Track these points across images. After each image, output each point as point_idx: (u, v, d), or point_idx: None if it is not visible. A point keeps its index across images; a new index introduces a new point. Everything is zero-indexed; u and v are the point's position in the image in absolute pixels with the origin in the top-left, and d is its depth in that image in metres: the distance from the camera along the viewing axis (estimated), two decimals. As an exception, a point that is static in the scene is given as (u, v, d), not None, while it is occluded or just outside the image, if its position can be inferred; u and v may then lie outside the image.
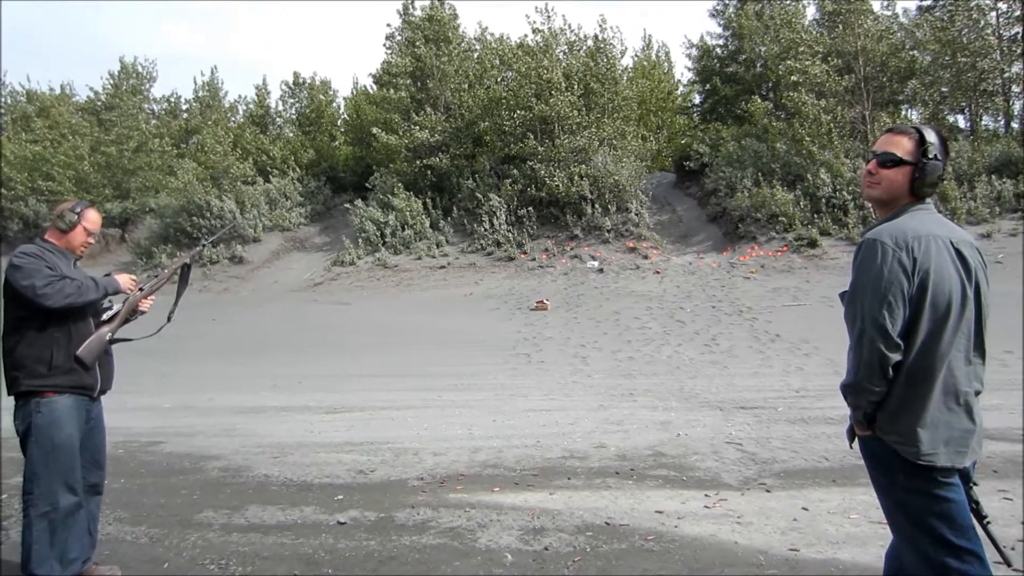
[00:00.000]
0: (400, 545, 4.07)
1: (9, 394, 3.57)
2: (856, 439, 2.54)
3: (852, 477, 4.78)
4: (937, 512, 2.33)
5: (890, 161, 2.45)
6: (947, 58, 19.79)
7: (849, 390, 2.40)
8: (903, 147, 2.44)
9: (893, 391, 2.34)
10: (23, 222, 24.58)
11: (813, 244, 17.69)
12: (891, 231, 2.35)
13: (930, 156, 2.40)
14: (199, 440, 6.70)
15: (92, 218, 3.82)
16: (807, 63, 19.86)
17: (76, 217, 3.73)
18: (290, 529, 4.41)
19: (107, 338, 3.71)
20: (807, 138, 19.42)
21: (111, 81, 29.29)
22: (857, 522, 4.07)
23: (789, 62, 20.31)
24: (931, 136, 2.42)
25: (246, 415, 7.66)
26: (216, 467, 5.83)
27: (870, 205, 2.58)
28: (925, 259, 2.31)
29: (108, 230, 24.41)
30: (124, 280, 3.85)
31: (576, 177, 20.37)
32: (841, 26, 20.59)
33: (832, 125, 19.59)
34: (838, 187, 18.61)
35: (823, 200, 18.68)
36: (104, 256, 23.86)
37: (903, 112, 21.96)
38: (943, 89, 20.45)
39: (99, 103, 29.21)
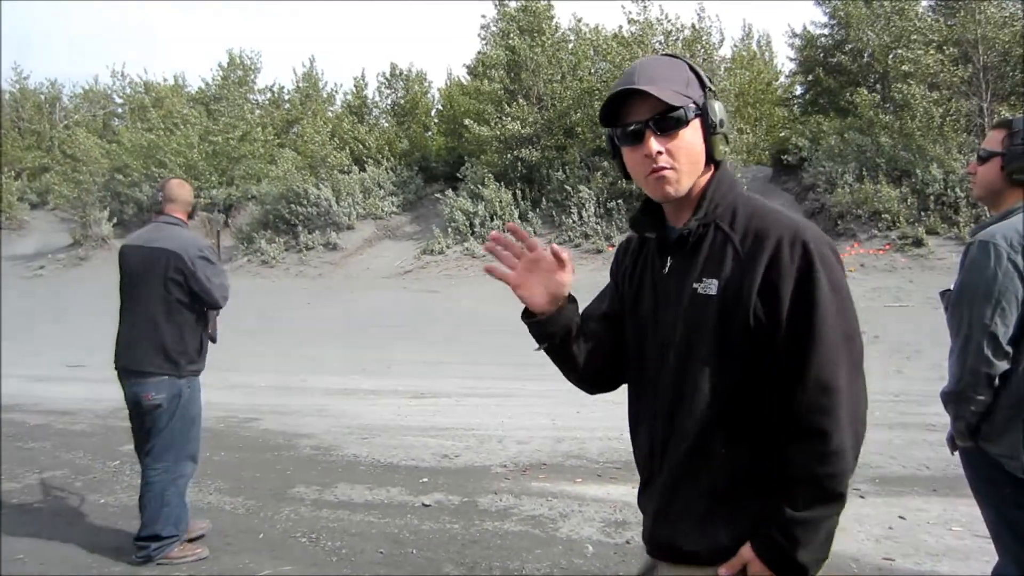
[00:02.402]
0: (483, 530, 4.13)
1: (161, 371, 3.74)
2: (957, 449, 2.40)
3: (955, 487, 4.52)
4: None
5: (981, 156, 2.39)
6: (1078, 47, 18.36)
7: (951, 399, 2.26)
8: (994, 140, 2.36)
9: (999, 402, 2.18)
10: (138, 207, 25.97)
11: (919, 243, 16.79)
12: (1005, 232, 2.21)
13: (1017, 142, 2.29)
14: (293, 419, 6.97)
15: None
16: (919, 52, 18.81)
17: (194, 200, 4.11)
18: (377, 508, 4.55)
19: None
20: (917, 132, 18.41)
21: (220, 72, 30.66)
22: (960, 535, 3.86)
23: (900, 52, 19.28)
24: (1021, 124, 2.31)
25: (337, 397, 7.91)
26: (308, 445, 6.06)
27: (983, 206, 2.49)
28: None
29: (213, 216, 25.60)
30: None
31: (668, 171, 20.01)
32: (962, 12, 19.37)
33: (945, 119, 18.51)
34: (950, 184, 17.60)
35: (932, 197, 17.70)
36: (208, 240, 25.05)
37: (1025, 105, 20.51)
38: (1072, 80, 18.97)
39: (209, 94, 30.62)
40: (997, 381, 2.17)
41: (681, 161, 1.48)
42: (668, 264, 1.55)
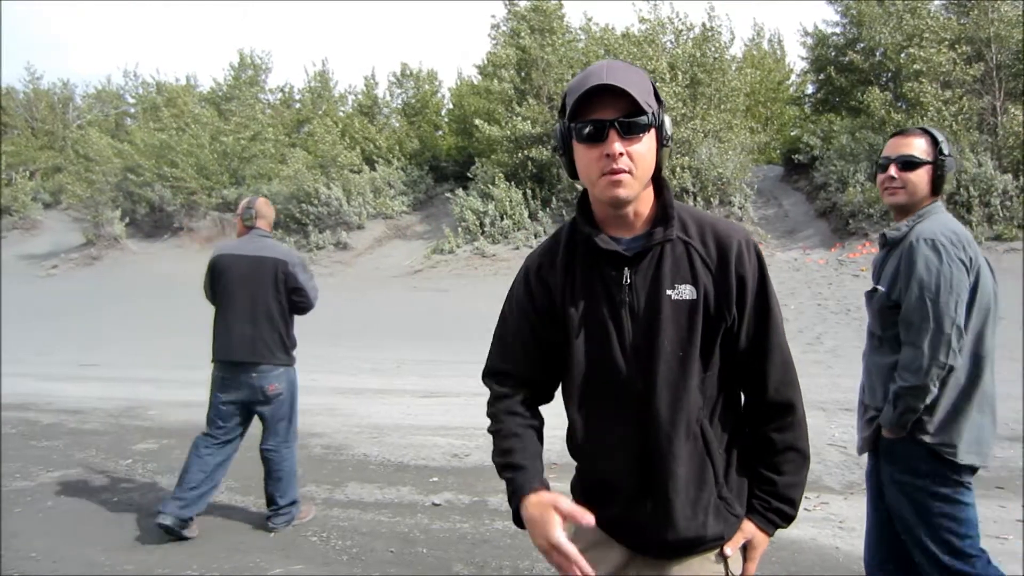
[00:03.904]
0: (493, 529, 4.13)
1: (281, 363, 4.28)
2: (868, 451, 2.55)
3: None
4: (958, 516, 2.33)
5: (911, 163, 2.50)
6: (1093, 44, 18.19)
7: (911, 393, 2.29)
8: (919, 148, 2.50)
9: (945, 392, 2.30)
10: (150, 207, 26.09)
11: (931, 243, 16.70)
12: (942, 230, 2.36)
13: (945, 153, 2.48)
14: (303, 418, 6.91)
15: None
16: (932, 51, 18.69)
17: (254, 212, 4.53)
18: (387, 507, 4.56)
19: None
20: (930, 131, 18.27)
21: (231, 72, 30.79)
22: (971, 537, 3.84)
23: (912, 50, 19.16)
24: (940, 135, 2.48)
25: (347, 396, 7.94)
26: (319, 444, 6.08)
27: (891, 211, 2.67)
28: (976, 256, 2.34)
29: (225, 215, 25.70)
30: None
31: (678, 169, 19.97)
32: (975, 10, 19.23)
33: (957, 117, 18.38)
34: (962, 183, 17.49)
35: (943, 196, 17.58)
36: (220, 240, 25.14)
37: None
38: (1086, 78, 18.79)
39: (220, 94, 30.74)
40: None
41: (638, 167, 1.48)
42: (627, 274, 1.56)
